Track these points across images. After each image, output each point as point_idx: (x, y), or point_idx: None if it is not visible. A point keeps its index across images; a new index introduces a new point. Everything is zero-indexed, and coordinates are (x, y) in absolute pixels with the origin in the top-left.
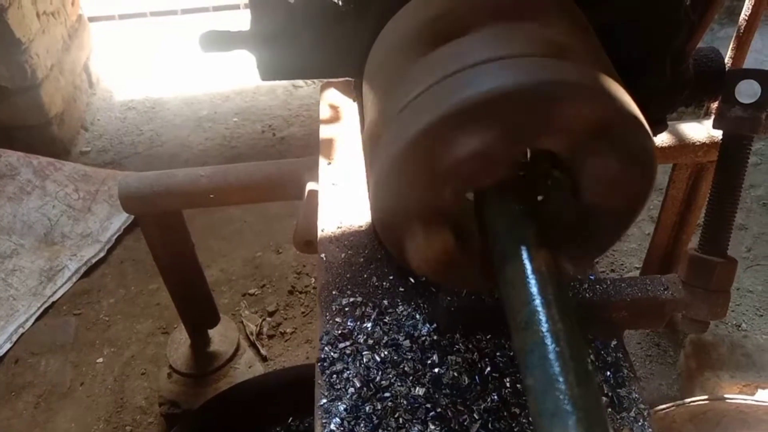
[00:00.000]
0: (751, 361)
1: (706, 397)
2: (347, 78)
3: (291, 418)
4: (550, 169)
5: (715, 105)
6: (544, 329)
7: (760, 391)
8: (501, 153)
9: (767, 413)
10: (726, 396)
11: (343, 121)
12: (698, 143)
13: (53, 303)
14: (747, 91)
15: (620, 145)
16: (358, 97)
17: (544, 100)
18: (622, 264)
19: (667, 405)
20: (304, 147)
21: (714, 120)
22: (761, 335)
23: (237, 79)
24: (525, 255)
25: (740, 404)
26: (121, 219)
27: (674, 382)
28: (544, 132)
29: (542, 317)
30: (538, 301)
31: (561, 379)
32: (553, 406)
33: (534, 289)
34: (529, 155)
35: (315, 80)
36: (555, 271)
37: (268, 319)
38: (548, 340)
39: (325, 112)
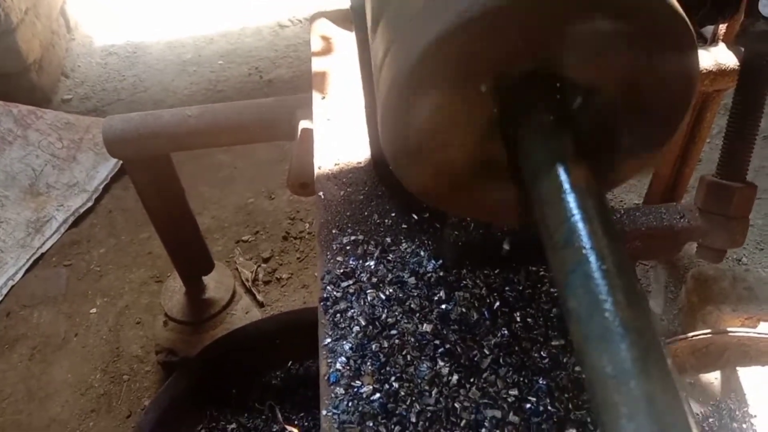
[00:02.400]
0: (753, 294)
1: (708, 330)
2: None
3: (290, 362)
4: (584, 82)
5: (723, 30)
6: (586, 246)
7: (762, 323)
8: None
9: None
10: (728, 329)
11: (336, 53)
12: (704, 71)
13: (42, 254)
14: None
15: (667, 54)
16: (357, 21)
17: None
18: (621, 201)
19: (670, 339)
20: (293, 89)
21: (736, 36)
22: (762, 268)
23: (221, 21)
24: (561, 168)
25: (742, 337)
26: (107, 167)
27: (675, 317)
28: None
29: (583, 233)
30: (578, 217)
31: (609, 299)
32: (601, 329)
33: (573, 204)
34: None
35: (302, 19)
36: (595, 184)
37: (264, 265)
38: (592, 258)
39: (316, 44)
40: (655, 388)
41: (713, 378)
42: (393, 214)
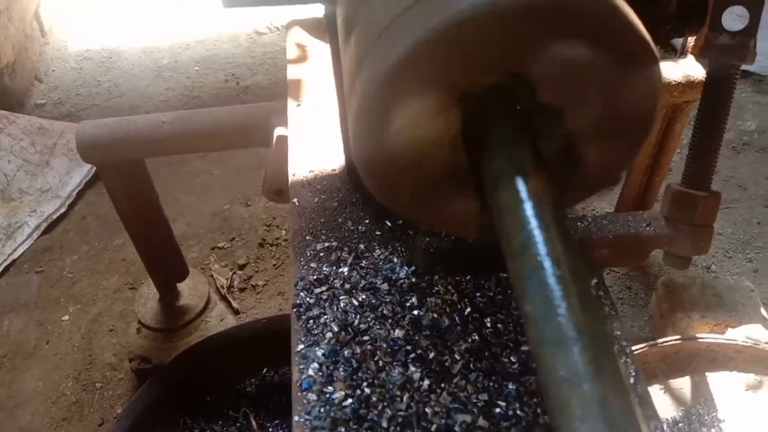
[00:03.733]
0: (721, 301)
1: (678, 337)
2: (317, 5)
3: (265, 370)
4: (541, 100)
5: (692, 42)
6: (542, 253)
7: (730, 329)
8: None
9: (736, 351)
10: (697, 335)
11: (311, 60)
12: (674, 83)
13: (14, 261)
14: (735, 18)
15: (627, 71)
16: (331, 32)
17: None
18: (593, 209)
19: (640, 346)
20: (269, 96)
21: (700, 48)
22: (731, 276)
23: (198, 27)
24: (520, 177)
25: (711, 343)
26: (81, 173)
27: (646, 324)
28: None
29: (540, 240)
30: (534, 224)
31: (563, 304)
32: (555, 333)
33: (530, 212)
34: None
35: (279, 26)
36: (553, 193)
37: (239, 272)
38: (547, 264)
39: (292, 52)
40: (608, 391)
41: (683, 383)
42: (367, 221)
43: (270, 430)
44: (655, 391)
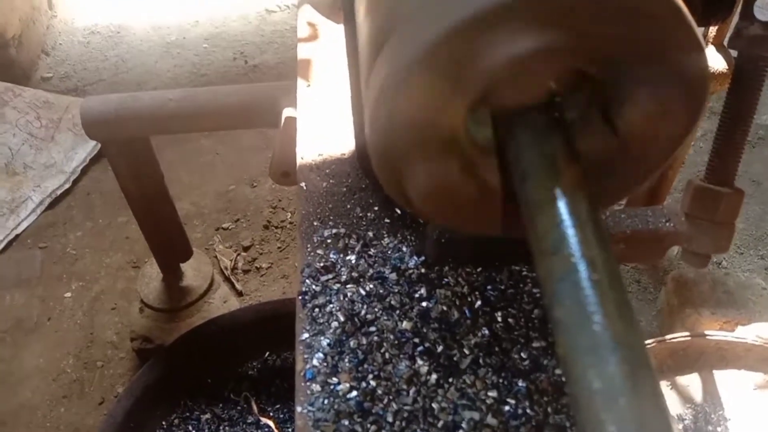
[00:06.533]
0: (732, 298)
1: (686, 333)
2: None
3: (267, 353)
4: (584, 93)
5: (713, 33)
6: (576, 254)
7: (739, 327)
8: (552, 66)
9: (745, 350)
10: (706, 332)
11: (322, 39)
12: None
13: (17, 236)
14: (759, 10)
15: (675, 63)
16: (347, 10)
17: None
18: None
19: (648, 341)
20: (278, 76)
21: (729, 39)
22: (742, 273)
23: (207, 4)
24: (552, 169)
25: (720, 341)
26: (86, 149)
27: (654, 319)
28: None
29: (574, 240)
30: (569, 222)
31: (600, 311)
32: (589, 341)
33: (564, 209)
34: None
35: (290, 5)
36: (588, 189)
37: (243, 254)
38: (582, 267)
39: (303, 30)
40: (646, 406)
41: (690, 381)
42: (376, 208)
43: (271, 414)
44: (662, 388)
